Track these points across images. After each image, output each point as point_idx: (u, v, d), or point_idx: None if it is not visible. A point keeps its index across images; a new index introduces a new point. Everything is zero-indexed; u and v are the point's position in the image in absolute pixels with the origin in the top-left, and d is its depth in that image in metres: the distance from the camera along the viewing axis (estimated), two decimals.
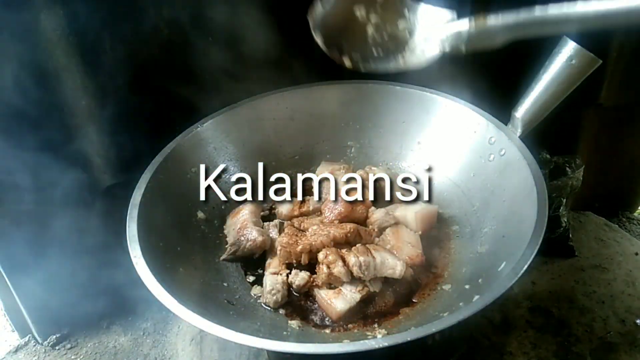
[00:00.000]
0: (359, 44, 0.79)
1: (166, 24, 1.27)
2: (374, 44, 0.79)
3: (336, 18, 0.78)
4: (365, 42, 0.80)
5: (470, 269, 1.11)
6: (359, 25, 0.79)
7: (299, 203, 1.32)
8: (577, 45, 1.01)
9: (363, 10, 0.79)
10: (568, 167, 1.58)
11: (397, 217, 1.23)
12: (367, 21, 0.79)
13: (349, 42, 0.80)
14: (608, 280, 1.55)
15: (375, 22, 0.79)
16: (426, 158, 1.37)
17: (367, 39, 0.80)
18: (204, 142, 1.32)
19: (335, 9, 0.78)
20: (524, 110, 1.12)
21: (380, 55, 0.80)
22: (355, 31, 0.79)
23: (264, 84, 1.43)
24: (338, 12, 0.78)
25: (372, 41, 0.79)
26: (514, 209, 1.07)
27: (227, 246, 1.22)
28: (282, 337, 1.01)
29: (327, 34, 0.78)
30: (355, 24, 0.79)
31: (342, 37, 0.79)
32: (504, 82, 1.31)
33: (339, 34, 0.79)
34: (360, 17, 0.79)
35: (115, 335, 1.53)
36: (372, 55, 0.80)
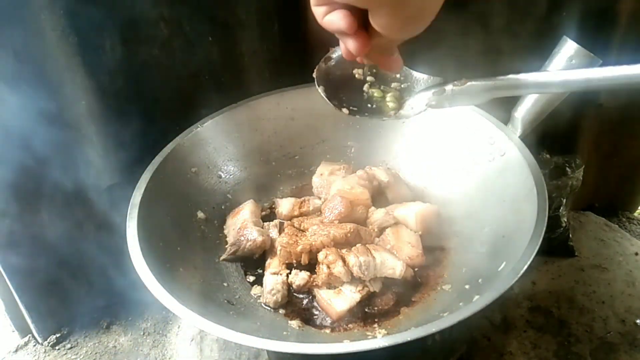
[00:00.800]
0: (355, 97, 0.93)
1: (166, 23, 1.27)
2: (368, 100, 0.92)
3: (336, 75, 0.92)
4: (361, 96, 0.93)
5: (470, 269, 1.11)
6: (356, 82, 0.93)
7: (299, 203, 1.32)
8: (577, 45, 1.01)
9: (360, 70, 0.92)
10: (568, 167, 1.58)
11: (397, 217, 1.23)
12: (363, 80, 0.92)
13: (346, 96, 0.92)
14: (608, 280, 1.55)
15: (370, 80, 0.93)
16: (426, 158, 1.37)
17: (362, 94, 0.93)
18: (204, 142, 1.32)
19: (337, 67, 0.92)
20: (524, 111, 1.12)
21: (373, 107, 0.92)
22: (352, 87, 0.93)
23: (264, 84, 1.44)
24: (338, 70, 0.92)
25: (367, 97, 0.92)
26: (514, 209, 1.07)
27: (227, 246, 1.22)
28: (282, 337, 1.01)
29: (328, 87, 0.92)
30: (353, 81, 0.93)
31: (341, 91, 0.92)
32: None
33: (339, 88, 0.92)
34: (357, 75, 0.92)
35: (115, 335, 1.53)
36: (367, 108, 0.92)
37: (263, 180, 1.42)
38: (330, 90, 0.92)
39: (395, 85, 0.92)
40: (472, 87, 0.82)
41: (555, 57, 1.05)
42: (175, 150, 1.25)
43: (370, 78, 0.92)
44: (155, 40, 1.28)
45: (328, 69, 0.91)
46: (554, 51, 1.05)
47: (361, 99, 0.92)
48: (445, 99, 0.85)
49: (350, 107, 0.92)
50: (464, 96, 0.83)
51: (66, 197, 1.33)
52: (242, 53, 1.39)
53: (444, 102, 0.85)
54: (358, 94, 0.93)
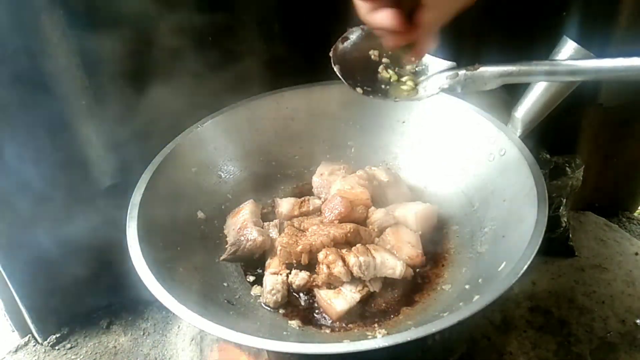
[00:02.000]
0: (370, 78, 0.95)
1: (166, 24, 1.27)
2: (382, 81, 0.95)
3: (353, 55, 0.95)
4: (375, 78, 0.95)
5: (470, 269, 1.11)
6: (372, 63, 0.95)
7: (299, 203, 1.32)
8: (577, 45, 1.01)
9: (377, 51, 0.94)
10: (568, 167, 1.58)
11: (397, 217, 1.23)
12: (379, 61, 0.95)
13: (361, 76, 0.95)
14: (608, 280, 1.55)
15: (385, 62, 0.95)
16: (426, 158, 1.37)
17: (377, 75, 0.95)
18: (204, 142, 1.32)
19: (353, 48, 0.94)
20: (524, 110, 1.12)
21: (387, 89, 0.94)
22: (368, 68, 0.95)
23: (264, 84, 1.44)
24: (355, 51, 0.94)
25: (381, 78, 0.95)
26: (514, 209, 1.07)
27: (227, 246, 1.22)
28: (282, 337, 1.01)
29: (344, 66, 0.94)
30: (368, 62, 0.95)
31: (356, 71, 0.95)
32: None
33: (354, 68, 0.94)
34: (373, 57, 0.94)
35: (115, 335, 1.53)
36: (380, 89, 0.94)
37: (263, 180, 1.42)
38: (346, 70, 0.94)
39: (410, 67, 0.94)
40: (484, 72, 0.84)
41: (555, 57, 1.05)
42: (175, 150, 1.24)
43: (385, 60, 0.94)
44: (156, 40, 1.28)
45: (344, 49, 0.93)
46: (554, 51, 1.05)
47: (375, 80, 0.94)
48: (457, 83, 0.88)
49: (365, 87, 0.93)
50: (477, 81, 0.86)
51: (66, 197, 1.33)
52: (242, 53, 1.39)
53: (456, 86, 0.88)
54: (372, 75, 0.95)
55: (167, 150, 1.23)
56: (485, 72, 0.85)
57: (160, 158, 1.20)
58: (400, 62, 0.95)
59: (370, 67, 0.95)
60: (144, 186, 1.12)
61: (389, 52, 0.94)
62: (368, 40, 0.94)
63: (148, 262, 0.95)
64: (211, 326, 0.84)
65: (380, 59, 0.94)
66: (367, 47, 0.94)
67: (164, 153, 1.22)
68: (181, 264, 1.09)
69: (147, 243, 1.01)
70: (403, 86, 0.93)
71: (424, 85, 0.92)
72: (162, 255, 1.04)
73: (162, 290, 0.90)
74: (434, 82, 0.91)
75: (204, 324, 0.85)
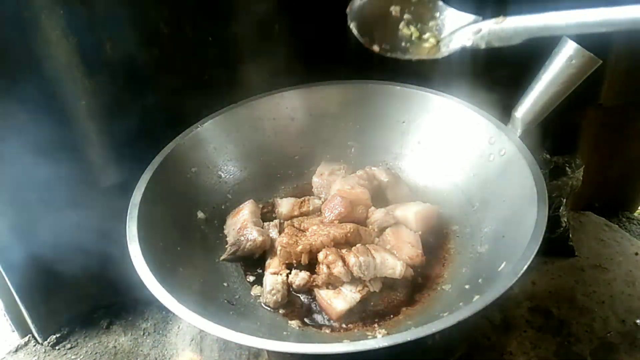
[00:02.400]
0: (389, 35, 0.90)
1: (166, 23, 1.27)
2: (402, 38, 0.90)
3: (372, 11, 0.90)
4: (395, 34, 0.90)
5: (470, 269, 1.11)
6: (392, 20, 0.90)
7: (299, 203, 1.32)
8: (577, 45, 1.01)
9: (398, 7, 0.90)
10: (568, 167, 1.58)
11: (397, 217, 1.23)
12: (400, 17, 0.90)
13: (380, 33, 0.90)
14: (608, 280, 1.55)
15: (407, 18, 0.90)
16: (426, 158, 1.37)
17: (397, 32, 0.90)
18: (204, 142, 1.32)
19: (373, 4, 0.90)
20: (524, 110, 1.12)
21: (407, 46, 0.91)
22: (387, 24, 0.90)
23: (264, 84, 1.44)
24: (374, 7, 0.90)
25: (402, 35, 0.90)
26: (514, 209, 1.07)
27: (227, 246, 1.22)
28: (282, 337, 1.01)
29: (361, 23, 0.89)
30: (388, 18, 0.90)
31: (374, 28, 0.90)
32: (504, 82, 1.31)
33: (372, 25, 0.90)
34: (394, 13, 0.90)
35: (115, 335, 1.53)
36: (400, 46, 0.91)
37: (263, 180, 1.42)
38: (364, 26, 0.90)
39: (432, 24, 0.90)
40: (510, 26, 0.80)
41: (555, 57, 1.05)
42: (175, 150, 1.24)
43: (407, 16, 0.90)
44: (155, 40, 1.28)
45: (363, 5, 0.90)
46: (554, 51, 1.05)
47: (395, 38, 0.91)
48: (481, 39, 0.84)
49: (383, 44, 0.90)
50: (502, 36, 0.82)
51: (66, 197, 1.33)
52: (242, 53, 1.39)
53: (480, 42, 0.84)
54: (393, 32, 0.91)
55: (167, 150, 1.23)
56: (511, 26, 0.79)
57: (160, 158, 1.20)
58: (423, 18, 0.90)
59: (390, 24, 0.90)
60: (144, 186, 1.12)
61: (411, 7, 0.90)
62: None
63: (148, 262, 0.95)
64: (211, 326, 0.84)
65: (401, 15, 0.90)
66: (387, 3, 0.90)
67: (164, 153, 1.22)
68: (181, 264, 1.09)
69: (147, 243, 1.01)
70: (425, 43, 0.89)
71: (446, 42, 0.88)
72: (162, 255, 1.04)
73: (162, 291, 0.90)
74: (457, 38, 0.87)
75: (204, 324, 0.85)
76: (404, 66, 1.38)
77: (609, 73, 1.53)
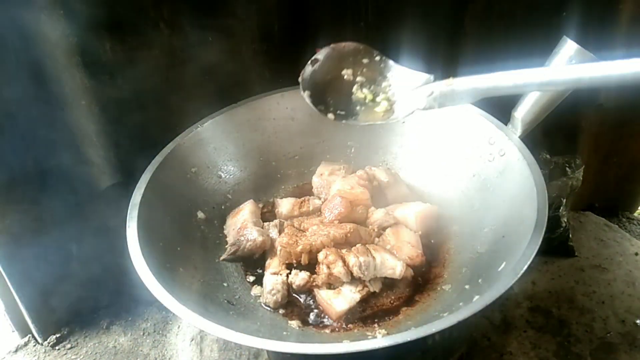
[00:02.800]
0: (343, 100, 0.89)
1: (166, 23, 1.27)
2: (357, 102, 0.89)
3: (324, 77, 0.89)
4: (349, 98, 0.90)
5: (470, 269, 1.11)
6: (345, 84, 0.90)
7: (299, 203, 1.32)
8: (577, 45, 1.01)
9: (350, 70, 0.90)
10: (568, 167, 1.58)
11: (397, 217, 1.23)
12: (353, 80, 0.90)
13: (334, 99, 0.90)
14: (608, 280, 1.55)
15: (360, 80, 0.89)
16: (426, 158, 1.37)
17: (350, 96, 0.90)
18: (204, 142, 1.32)
19: (324, 69, 0.89)
20: (524, 111, 1.12)
21: (362, 110, 0.89)
22: (341, 89, 0.90)
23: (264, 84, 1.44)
24: (325, 72, 0.89)
25: (355, 99, 0.89)
26: (514, 209, 1.07)
27: (227, 246, 1.22)
28: (282, 337, 1.01)
29: (314, 91, 0.88)
30: (341, 83, 0.90)
31: (328, 94, 0.89)
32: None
33: (326, 91, 0.89)
34: (346, 77, 0.90)
35: (115, 335, 1.53)
36: (355, 111, 0.89)
37: (263, 180, 1.42)
38: (317, 94, 0.89)
39: (385, 84, 0.89)
40: (460, 86, 0.78)
41: (555, 57, 1.05)
42: (175, 150, 1.24)
43: (360, 78, 0.90)
44: (155, 40, 1.28)
45: (314, 72, 0.89)
46: (554, 51, 1.05)
47: (349, 102, 0.90)
48: (434, 100, 0.82)
49: (338, 111, 0.89)
50: (453, 97, 0.80)
51: (66, 197, 1.33)
52: (242, 53, 1.39)
53: (433, 104, 0.83)
54: (346, 96, 0.90)
55: (167, 150, 1.23)
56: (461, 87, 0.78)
57: (160, 158, 1.20)
58: (375, 79, 0.90)
59: (344, 88, 0.90)
60: (144, 186, 1.12)
61: (363, 68, 0.89)
62: (340, 57, 0.89)
63: (148, 262, 0.95)
64: (211, 326, 0.84)
65: (354, 77, 0.90)
66: (339, 67, 0.89)
67: (164, 153, 1.22)
68: (181, 264, 1.09)
69: (147, 243, 1.01)
70: (377, 108, 0.88)
71: (399, 105, 0.87)
72: (162, 255, 1.04)
73: (162, 291, 0.90)
74: (410, 102, 0.86)
75: (204, 324, 0.85)
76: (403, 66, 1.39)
77: None
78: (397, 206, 1.26)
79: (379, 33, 1.41)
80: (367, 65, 0.89)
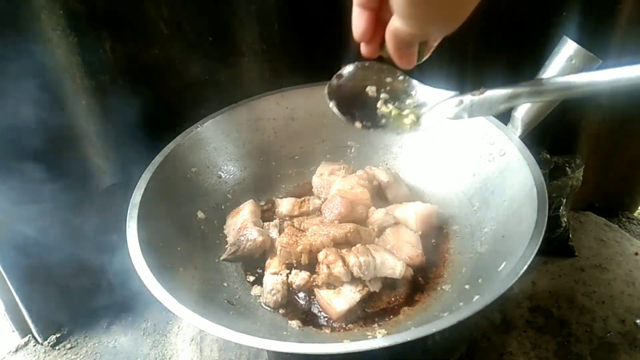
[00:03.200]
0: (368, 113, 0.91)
1: (166, 23, 1.27)
2: (382, 115, 0.91)
3: (349, 91, 0.91)
4: (374, 112, 0.91)
5: (470, 269, 1.11)
6: (369, 99, 0.91)
7: (299, 203, 1.32)
8: (577, 45, 1.01)
9: (374, 87, 0.91)
10: (568, 167, 1.58)
11: (397, 217, 1.23)
12: (377, 97, 0.91)
13: (359, 111, 0.91)
14: (608, 280, 1.55)
15: (384, 97, 0.90)
16: (426, 158, 1.37)
17: (375, 110, 0.91)
18: (204, 142, 1.32)
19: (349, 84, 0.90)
20: (524, 111, 1.12)
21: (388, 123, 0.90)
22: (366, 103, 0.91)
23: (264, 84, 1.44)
24: (350, 87, 0.91)
25: (381, 112, 0.90)
26: (514, 209, 1.07)
27: (227, 246, 1.22)
28: (282, 337, 1.01)
29: (340, 102, 0.90)
30: (366, 97, 0.91)
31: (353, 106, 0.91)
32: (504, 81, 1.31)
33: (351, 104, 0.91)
34: (370, 93, 0.91)
35: (115, 335, 1.53)
36: (381, 123, 0.90)
37: (263, 180, 1.42)
38: (344, 105, 0.90)
39: (410, 101, 0.90)
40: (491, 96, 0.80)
41: (555, 57, 1.05)
42: (175, 150, 1.24)
43: (384, 95, 0.91)
44: (155, 40, 1.28)
45: (340, 85, 0.90)
46: (554, 51, 1.05)
47: (375, 115, 0.91)
48: (463, 110, 0.83)
49: (364, 122, 0.90)
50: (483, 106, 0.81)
51: (66, 197, 1.33)
52: (242, 53, 1.39)
53: (462, 114, 0.83)
54: (371, 110, 0.91)
55: (167, 150, 1.23)
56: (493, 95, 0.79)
57: (160, 158, 1.20)
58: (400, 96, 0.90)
59: (369, 103, 0.91)
60: (144, 186, 1.12)
61: (387, 87, 0.90)
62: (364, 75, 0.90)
63: (148, 262, 0.95)
64: (211, 326, 0.84)
65: (378, 94, 0.91)
66: (363, 83, 0.90)
67: (164, 153, 1.22)
68: (181, 264, 1.09)
69: (147, 243, 1.01)
70: (405, 119, 0.89)
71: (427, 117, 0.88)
72: (162, 255, 1.04)
73: (162, 291, 0.90)
74: (437, 112, 0.87)
75: (204, 324, 0.85)
76: None
77: None
78: (397, 206, 1.26)
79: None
80: (391, 83, 0.90)
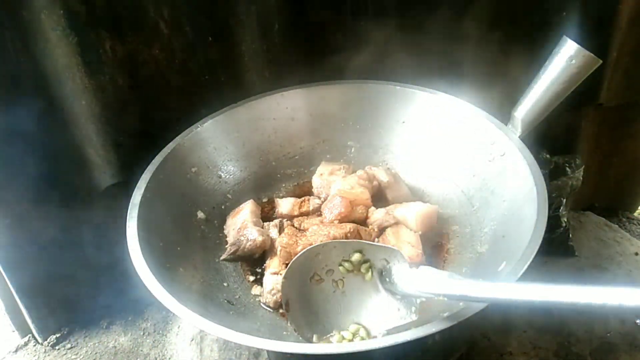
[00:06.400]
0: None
1: (166, 23, 1.27)
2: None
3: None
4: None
5: (470, 269, 1.11)
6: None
7: (299, 203, 1.32)
8: (577, 45, 1.01)
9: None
10: (568, 167, 1.58)
11: (397, 217, 1.22)
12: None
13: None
14: (608, 280, 1.55)
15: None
16: (426, 158, 1.37)
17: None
18: (204, 142, 1.32)
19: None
20: (524, 111, 1.12)
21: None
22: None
23: (264, 84, 1.44)
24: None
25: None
26: (514, 209, 1.07)
27: (227, 246, 1.22)
28: (282, 337, 1.01)
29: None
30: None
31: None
32: (504, 82, 1.32)
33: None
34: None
35: (115, 335, 1.53)
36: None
37: (263, 180, 1.42)
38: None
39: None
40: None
41: (555, 57, 1.05)
42: (175, 150, 1.24)
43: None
44: (155, 40, 1.28)
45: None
46: (554, 51, 1.05)
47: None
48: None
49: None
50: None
51: (66, 197, 1.33)
52: (242, 53, 1.39)
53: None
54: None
55: (167, 150, 1.23)
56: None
57: (160, 158, 1.20)
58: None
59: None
60: (144, 186, 1.12)
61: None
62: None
63: (148, 262, 0.95)
64: (211, 326, 0.84)
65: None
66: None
67: (164, 153, 1.22)
68: (181, 264, 1.09)
69: (147, 243, 1.01)
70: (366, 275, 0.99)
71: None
72: (162, 255, 1.04)
73: (162, 291, 0.90)
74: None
75: (204, 324, 0.85)
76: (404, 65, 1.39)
77: (609, 73, 1.53)
78: (397, 206, 1.26)
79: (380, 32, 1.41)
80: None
